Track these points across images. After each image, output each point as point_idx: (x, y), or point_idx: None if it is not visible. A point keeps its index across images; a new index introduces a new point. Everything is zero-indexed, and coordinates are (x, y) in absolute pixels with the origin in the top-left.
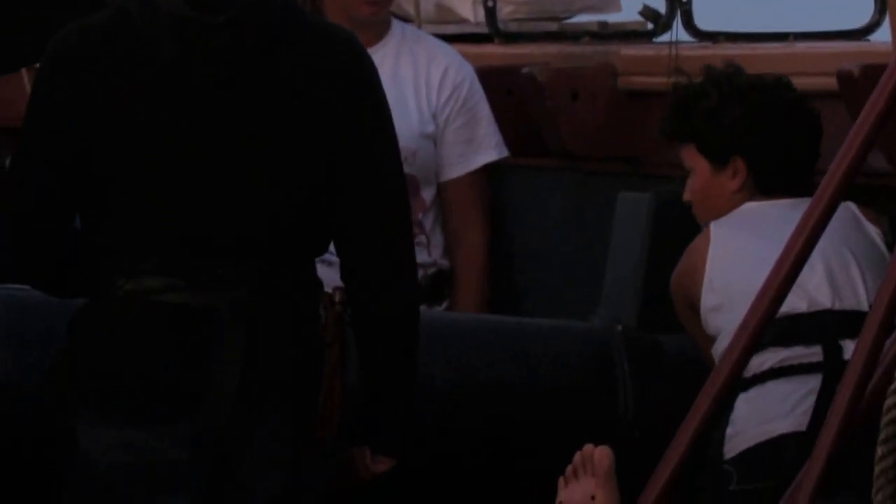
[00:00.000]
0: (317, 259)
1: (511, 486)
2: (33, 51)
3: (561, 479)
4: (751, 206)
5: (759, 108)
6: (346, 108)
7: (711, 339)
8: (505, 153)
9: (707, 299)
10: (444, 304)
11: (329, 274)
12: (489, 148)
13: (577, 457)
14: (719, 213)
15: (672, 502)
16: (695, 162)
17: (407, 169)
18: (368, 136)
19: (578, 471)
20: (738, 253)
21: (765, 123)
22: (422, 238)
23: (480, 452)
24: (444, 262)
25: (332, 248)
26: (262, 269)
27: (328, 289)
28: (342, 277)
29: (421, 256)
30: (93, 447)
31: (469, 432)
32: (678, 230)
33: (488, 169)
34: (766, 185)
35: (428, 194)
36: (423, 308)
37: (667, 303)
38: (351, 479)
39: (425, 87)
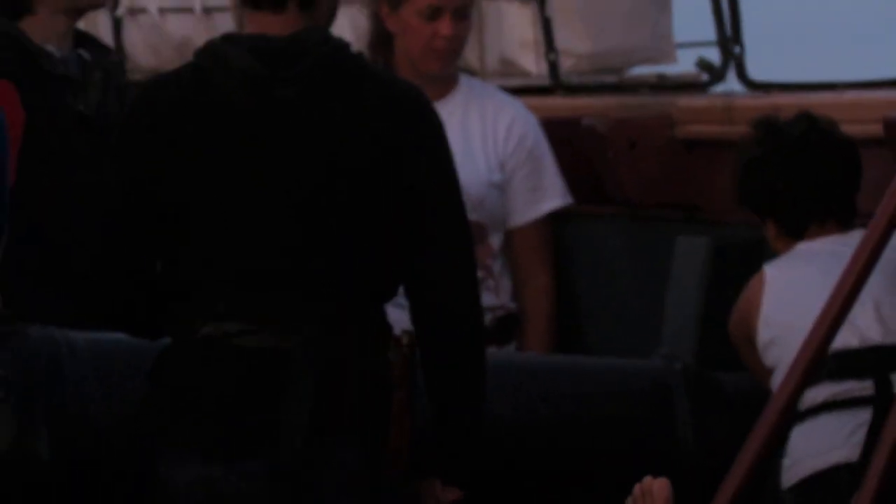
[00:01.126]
0: (387, 303)
1: None
2: None
3: None
4: (802, 246)
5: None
6: (412, 160)
7: (769, 373)
8: (569, 200)
9: (763, 334)
10: (513, 345)
11: (400, 317)
12: (554, 196)
13: (637, 488)
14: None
15: None
16: None
17: (475, 216)
18: (434, 187)
19: (638, 501)
20: (791, 290)
21: (768, 172)
22: (490, 282)
23: (545, 486)
24: (512, 305)
25: (402, 292)
26: (331, 310)
27: (398, 331)
28: (412, 320)
29: (489, 300)
30: (174, 483)
31: (534, 467)
32: (734, 272)
33: (553, 216)
34: (796, 232)
35: (496, 240)
36: (491, 349)
37: (724, 341)
38: None
39: (492, 138)
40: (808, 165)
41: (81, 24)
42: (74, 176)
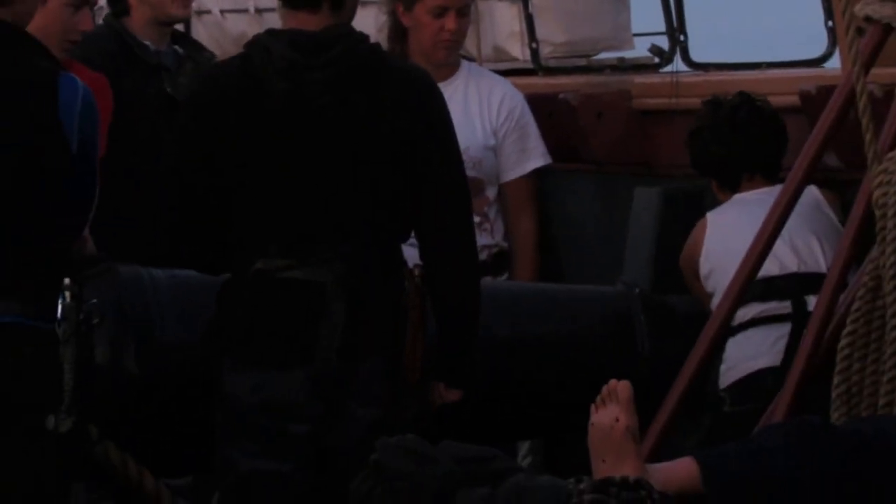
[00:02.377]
0: (402, 243)
1: (553, 415)
2: None
3: (592, 407)
4: (737, 197)
5: (710, 130)
6: (417, 128)
7: (709, 297)
8: (549, 160)
9: (704, 266)
10: (505, 276)
11: (412, 253)
12: (537, 156)
13: (604, 389)
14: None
15: (678, 423)
16: None
17: (474, 173)
18: (436, 150)
19: (605, 400)
20: (727, 231)
21: (709, 139)
22: (486, 226)
23: (529, 389)
24: (504, 244)
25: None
26: (358, 251)
27: (411, 265)
28: (421, 256)
29: (486, 239)
30: (234, 389)
31: (520, 373)
32: (681, 216)
33: (536, 172)
34: (732, 186)
35: (491, 192)
36: (487, 279)
37: (673, 272)
38: (430, 407)
39: (487, 111)
40: (737, 133)
41: None
42: (161, 144)
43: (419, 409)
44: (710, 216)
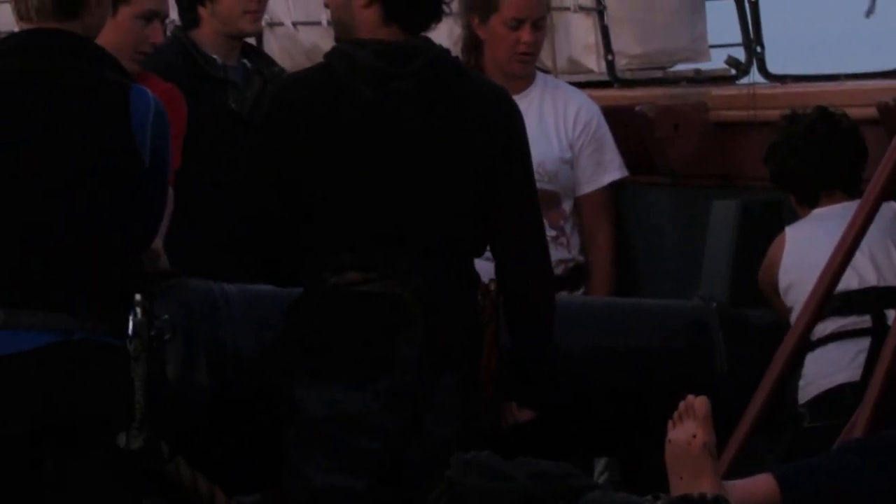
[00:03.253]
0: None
1: (630, 431)
2: None
3: (670, 423)
4: (817, 212)
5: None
6: (498, 145)
7: (788, 311)
8: (625, 173)
9: (783, 280)
10: (581, 290)
11: (487, 268)
12: (613, 169)
13: (681, 405)
14: None
15: (756, 439)
16: None
17: (550, 186)
18: (514, 166)
19: (683, 416)
20: (805, 245)
21: (788, 154)
22: (563, 239)
23: (605, 405)
24: (580, 258)
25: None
26: (434, 264)
27: (485, 280)
28: (496, 271)
29: (562, 253)
30: (309, 403)
31: (596, 389)
32: (758, 228)
33: (612, 185)
34: (811, 201)
35: (567, 206)
36: (563, 293)
37: (750, 285)
38: (502, 426)
39: (563, 123)
40: (814, 148)
41: None
42: (225, 162)
43: (494, 425)
44: (789, 231)
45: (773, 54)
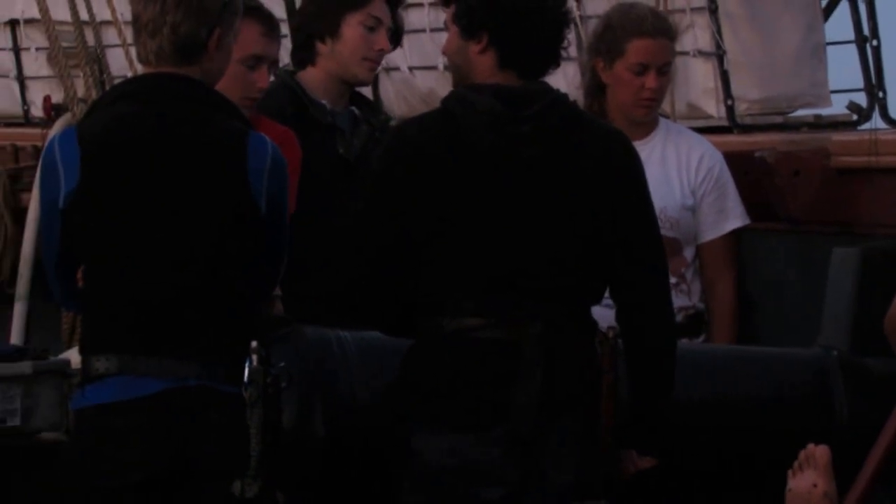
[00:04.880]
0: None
1: (749, 479)
2: None
3: (790, 472)
4: None
5: None
6: (619, 189)
7: None
8: (747, 220)
9: None
10: (701, 338)
11: (606, 314)
12: (736, 217)
13: (802, 454)
14: None
15: (877, 488)
16: None
17: (672, 233)
18: (635, 212)
19: (803, 465)
20: None
21: None
22: (683, 287)
23: (724, 453)
24: (701, 305)
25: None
26: (553, 310)
27: (604, 327)
28: (617, 318)
29: (682, 301)
30: (426, 451)
31: (716, 437)
32: (880, 276)
33: (734, 232)
34: None
35: (689, 253)
36: (683, 341)
37: (872, 333)
38: (621, 475)
39: (686, 170)
40: None
41: None
42: (333, 209)
43: (612, 474)
44: None
45: None
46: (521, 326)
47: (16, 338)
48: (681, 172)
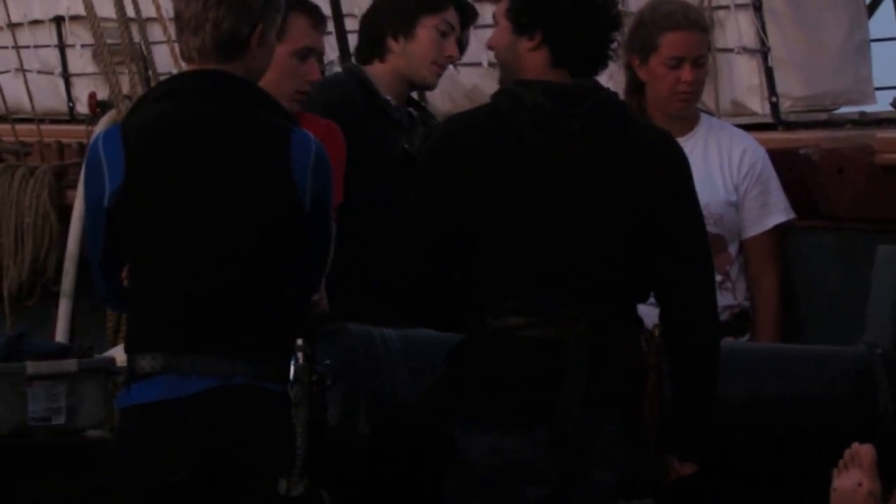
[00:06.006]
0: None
1: (793, 478)
2: None
3: (834, 471)
4: None
5: None
6: (665, 188)
7: None
8: (792, 216)
9: None
10: (747, 337)
11: (651, 313)
12: (779, 212)
13: (847, 453)
14: None
15: None
16: None
17: (715, 230)
18: (681, 211)
19: (848, 463)
20: None
21: None
22: (728, 284)
23: (768, 452)
24: (746, 303)
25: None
26: (598, 308)
27: (649, 325)
28: (661, 317)
29: (727, 299)
30: (470, 450)
31: (759, 435)
32: None
33: (778, 228)
34: None
35: (733, 249)
36: (728, 340)
37: None
38: (663, 479)
39: (728, 165)
40: None
41: None
42: (395, 201)
43: (657, 475)
44: None
45: None
46: (566, 325)
47: (61, 336)
48: (723, 168)
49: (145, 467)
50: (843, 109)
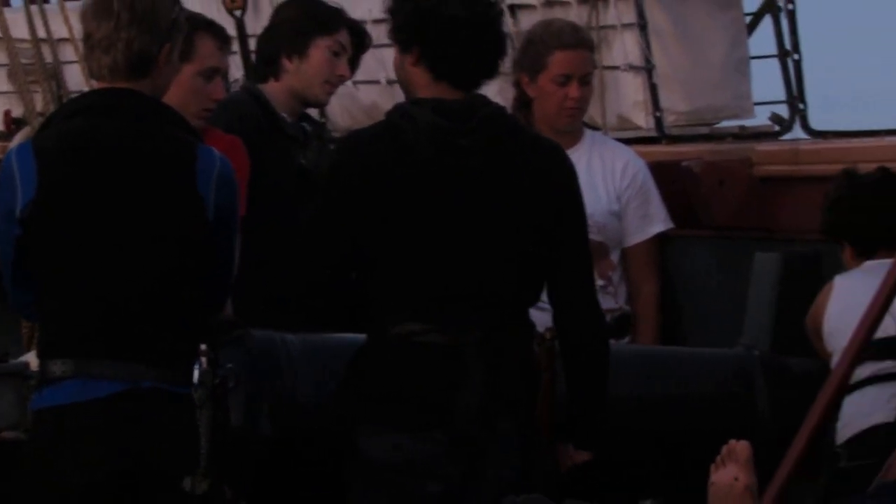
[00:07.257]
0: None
1: (675, 474)
2: None
3: (712, 466)
4: (868, 264)
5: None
6: (558, 201)
7: (831, 356)
8: (671, 225)
9: (826, 326)
10: (627, 339)
11: (543, 317)
12: (659, 221)
13: (724, 449)
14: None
15: (797, 481)
16: None
17: (599, 237)
18: (572, 222)
19: (725, 459)
20: (851, 294)
21: (852, 209)
22: (610, 289)
23: (653, 448)
24: (627, 307)
25: (543, 297)
26: (493, 315)
27: (541, 329)
28: (554, 321)
29: (609, 303)
30: (371, 450)
31: (645, 433)
32: (799, 279)
33: (658, 237)
34: (868, 255)
35: (615, 256)
36: (611, 342)
37: (792, 333)
38: (559, 468)
39: (611, 177)
40: (881, 205)
41: None
42: (294, 214)
43: (548, 469)
44: (838, 279)
45: (816, 111)
46: (463, 332)
47: None
48: (606, 179)
49: (58, 468)
50: (724, 123)
